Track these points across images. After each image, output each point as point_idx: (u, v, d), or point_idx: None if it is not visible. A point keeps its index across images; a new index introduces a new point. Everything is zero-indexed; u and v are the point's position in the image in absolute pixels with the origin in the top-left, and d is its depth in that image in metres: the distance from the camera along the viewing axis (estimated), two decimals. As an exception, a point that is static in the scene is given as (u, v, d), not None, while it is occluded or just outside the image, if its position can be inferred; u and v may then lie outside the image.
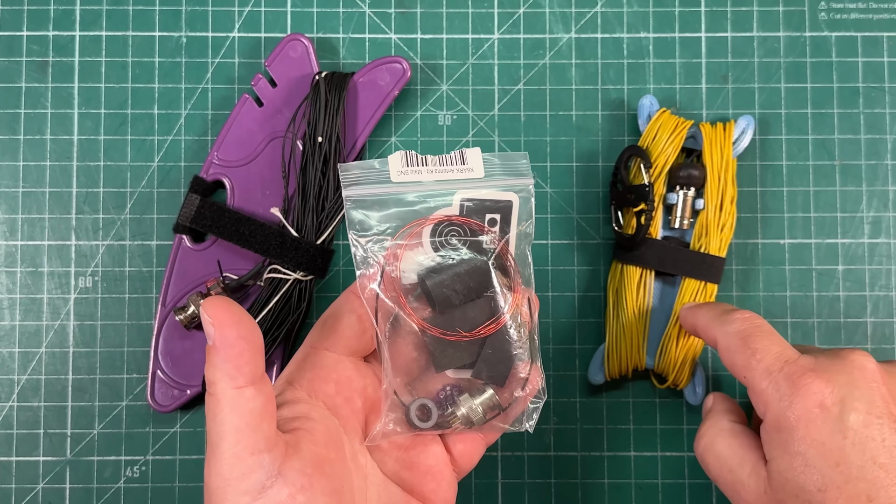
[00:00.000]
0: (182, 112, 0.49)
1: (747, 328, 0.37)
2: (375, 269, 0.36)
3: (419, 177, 0.37)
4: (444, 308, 0.36)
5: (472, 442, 0.38)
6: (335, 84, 0.46)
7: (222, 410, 0.29)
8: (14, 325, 0.48)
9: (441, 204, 0.37)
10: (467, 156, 0.37)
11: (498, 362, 0.36)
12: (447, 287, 0.36)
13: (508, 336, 0.36)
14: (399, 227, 0.37)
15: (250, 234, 0.45)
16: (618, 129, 0.50)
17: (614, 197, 0.48)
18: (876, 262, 0.49)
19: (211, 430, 0.30)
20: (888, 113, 0.50)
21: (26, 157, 0.49)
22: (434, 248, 0.37)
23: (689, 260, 0.46)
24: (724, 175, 0.46)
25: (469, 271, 0.36)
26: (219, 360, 0.29)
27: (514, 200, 0.37)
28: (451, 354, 0.36)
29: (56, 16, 0.49)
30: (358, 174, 0.37)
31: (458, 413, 0.36)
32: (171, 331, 0.47)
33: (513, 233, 0.37)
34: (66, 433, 0.48)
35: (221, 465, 0.29)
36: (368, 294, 0.36)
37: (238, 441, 0.29)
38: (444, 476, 0.37)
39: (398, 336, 0.37)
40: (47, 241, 0.49)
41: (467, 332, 0.36)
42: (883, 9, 0.50)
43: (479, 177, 0.37)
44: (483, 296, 0.36)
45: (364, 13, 0.50)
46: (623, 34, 0.50)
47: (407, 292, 0.36)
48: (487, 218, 0.37)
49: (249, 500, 0.29)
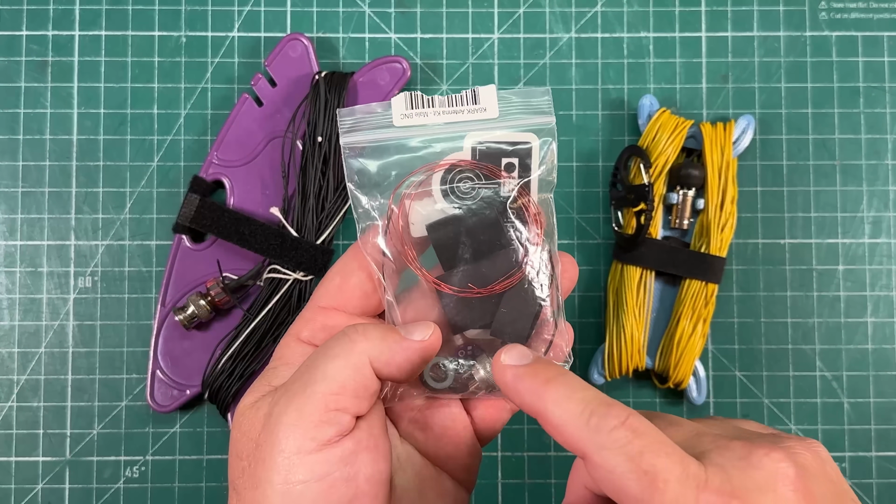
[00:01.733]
0: (182, 112, 0.49)
1: (634, 440, 0.26)
2: (378, 222, 0.33)
3: (425, 119, 0.34)
4: (451, 264, 0.33)
5: (495, 405, 0.35)
6: (335, 84, 0.46)
7: (347, 362, 0.29)
8: (14, 325, 0.48)
9: (450, 149, 0.34)
10: (480, 94, 0.34)
11: (517, 320, 0.33)
12: (456, 240, 0.33)
13: (527, 292, 0.33)
14: (402, 175, 0.33)
15: (250, 234, 0.45)
16: (618, 129, 0.50)
17: (614, 197, 0.47)
18: (876, 262, 0.49)
19: (317, 367, 0.29)
20: (888, 113, 0.50)
21: (26, 157, 0.49)
22: (444, 197, 0.34)
23: (689, 260, 0.46)
24: (724, 175, 0.46)
25: (482, 222, 0.33)
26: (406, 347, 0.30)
27: (534, 142, 0.34)
28: (468, 314, 0.33)
29: (56, 16, 0.49)
30: (356, 119, 0.34)
31: (476, 377, 0.33)
32: (170, 331, 0.47)
33: (534, 178, 0.34)
34: (66, 433, 0.48)
35: (307, 404, 0.28)
36: (371, 250, 0.33)
37: (338, 393, 0.29)
38: (462, 439, 0.34)
39: (409, 294, 0.34)
40: (47, 241, 0.48)
41: (480, 289, 0.33)
42: (883, 8, 0.50)
43: (493, 117, 0.34)
44: (498, 249, 0.33)
45: (364, 13, 0.50)
46: (623, 34, 0.50)
47: (416, 246, 0.34)
48: (504, 163, 0.34)
49: (314, 447, 0.28)
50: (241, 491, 0.29)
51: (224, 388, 0.45)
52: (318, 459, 0.28)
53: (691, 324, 0.45)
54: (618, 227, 0.47)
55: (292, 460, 0.28)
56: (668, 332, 0.46)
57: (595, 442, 0.26)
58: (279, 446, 0.28)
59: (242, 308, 0.46)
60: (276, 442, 0.28)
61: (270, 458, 0.28)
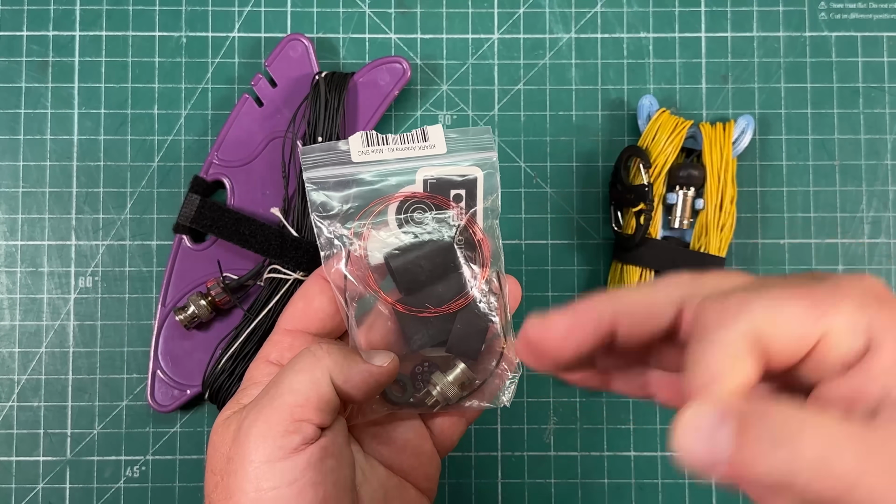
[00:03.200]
0: (182, 112, 0.49)
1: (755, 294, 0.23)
2: (340, 250, 0.36)
3: (380, 156, 0.37)
4: (409, 287, 0.36)
5: (451, 418, 0.38)
6: (335, 84, 0.46)
7: (313, 378, 0.31)
8: (14, 325, 0.48)
9: (404, 182, 0.37)
10: (429, 133, 0.37)
11: (469, 337, 0.36)
12: (412, 266, 0.36)
13: (478, 310, 0.36)
14: (362, 206, 0.36)
15: (250, 234, 0.45)
16: (618, 129, 0.50)
17: (614, 197, 0.48)
18: (876, 262, 0.49)
19: (284, 381, 0.31)
20: (888, 113, 0.50)
21: (26, 157, 0.49)
22: (400, 226, 0.37)
23: (688, 260, 0.46)
24: (724, 175, 0.46)
25: (434, 249, 0.36)
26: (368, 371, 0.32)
27: (479, 175, 0.37)
28: (424, 332, 0.36)
29: (56, 16, 0.49)
30: (318, 156, 0.37)
31: (433, 392, 0.36)
32: (171, 331, 0.47)
33: (479, 207, 0.37)
34: (66, 433, 0.48)
35: (273, 415, 0.30)
36: (335, 276, 0.36)
37: (302, 405, 0.30)
38: (423, 450, 0.37)
39: (368, 317, 0.36)
40: (47, 241, 0.49)
41: (436, 309, 0.36)
42: (883, 9, 0.50)
43: (441, 153, 0.37)
44: (450, 273, 0.36)
45: (364, 13, 0.50)
46: (623, 34, 0.50)
47: (374, 272, 0.36)
48: (453, 194, 0.37)
49: (283, 455, 0.30)
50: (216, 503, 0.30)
51: (224, 387, 0.45)
52: (286, 466, 0.29)
53: (691, 324, 0.45)
54: (617, 227, 0.47)
55: (262, 469, 0.29)
56: (667, 331, 0.46)
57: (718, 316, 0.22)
58: (249, 457, 0.29)
59: (243, 308, 0.46)
60: (246, 453, 0.29)
61: (242, 469, 0.29)
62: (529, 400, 0.49)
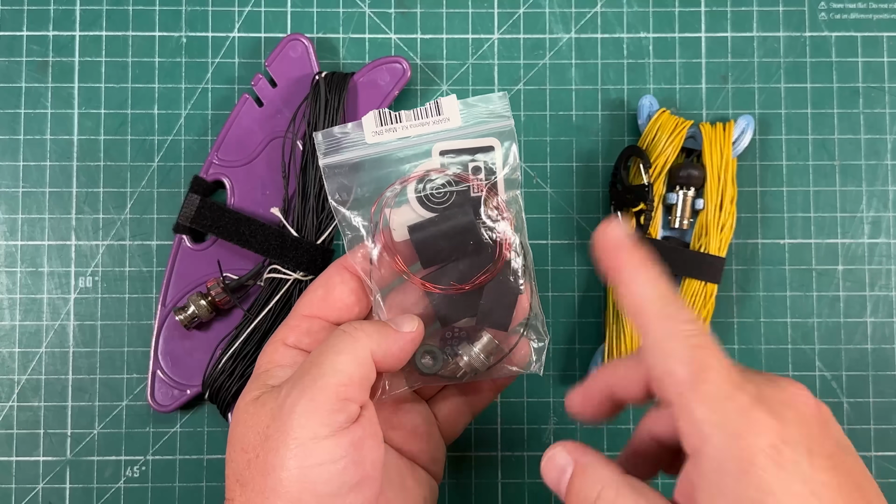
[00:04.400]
0: (182, 112, 0.49)
1: (698, 336, 0.28)
2: (362, 234, 0.36)
3: (395, 134, 0.36)
4: (431, 264, 0.36)
5: (457, 407, 0.39)
6: (335, 84, 0.46)
7: (354, 357, 0.32)
8: (14, 325, 0.48)
9: (421, 158, 0.36)
10: (443, 105, 0.37)
11: (498, 308, 0.36)
12: (433, 243, 0.36)
13: (504, 282, 0.36)
14: (380, 188, 0.36)
15: (250, 234, 0.45)
16: (618, 129, 0.50)
17: (614, 197, 0.48)
18: (876, 262, 0.49)
19: (325, 361, 0.32)
20: (888, 113, 0.50)
21: (26, 157, 0.49)
22: (420, 204, 0.36)
23: (688, 260, 0.46)
24: (724, 175, 0.46)
25: (455, 225, 0.36)
26: (398, 338, 0.34)
27: (496, 145, 0.37)
28: (454, 308, 0.36)
29: (56, 16, 0.49)
30: (332, 141, 0.37)
31: (461, 363, 0.36)
32: (171, 331, 0.47)
33: (500, 178, 0.37)
34: (66, 433, 0.48)
35: (319, 394, 0.31)
36: (360, 260, 0.36)
37: (346, 384, 0.31)
38: (431, 436, 0.38)
39: (393, 294, 0.37)
40: (47, 241, 0.49)
41: (462, 285, 0.36)
42: (883, 9, 0.50)
43: (456, 125, 0.36)
44: (474, 247, 0.36)
45: (364, 13, 0.50)
46: (623, 34, 0.50)
47: (400, 251, 0.36)
48: (471, 166, 0.37)
49: (327, 433, 0.30)
50: (247, 482, 0.30)
51: (224, 387, 0.45)
52: (331, 444, 0.30)
53: (691, 324, 0.45)
54: (618, 227, 0.47)
55: (307, 445, 0.30)
56: (667, 331, 0.46)
57: (664, 326, 0.28)
58: (293, 434, 0.30)
59: (243, 308, 0.46)
60: (289, 430, 0.30)
61: (284, 445, 0.30)
62: (529, 400, 0.49)
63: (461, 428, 0.40)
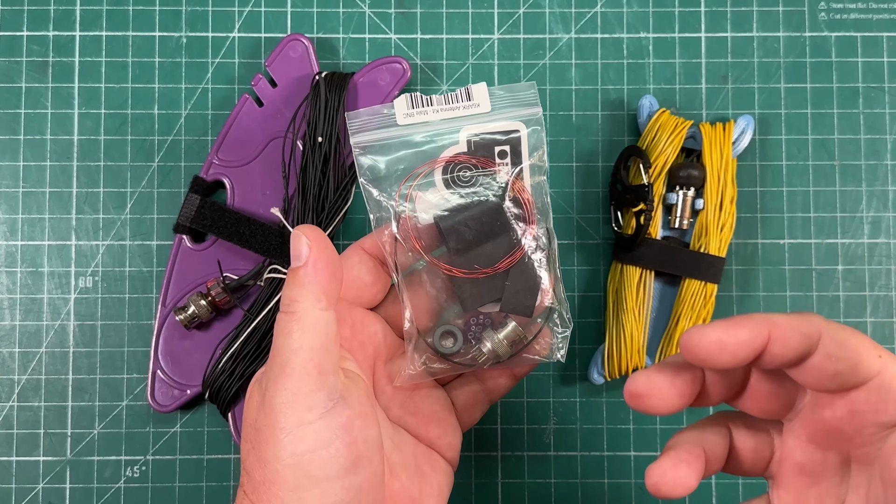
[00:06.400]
0: (182, 112, 0.49)
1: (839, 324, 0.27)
2: (389, 213, 0.36)
3: (425, 117, 0.37)
4: (458, 247, 0.36)
5: (475, 394, 0.39)
6: (335, 84, 0.46)
7: (302, 328, 0.31)
8: (14, 325, 0.48)
9: (449, 142, 0.37)
10: (473, 91, 0.37)
11: (522, 294, 0.36)
12: (461, 227, 0.36)
13: (529, 268, 0.36)
14: (408, 169, 0.37)
15: (250, 234, 0.45)
16: (618, 129, 0.50)
17: (614, 197, 0.48)
18: (876, 262, 0.49)
19: (283, 347, 0.31)
20: (888, 113, 0.50)
21: (26, 157, 0.49)
22: (447, 187, 0.37)
23: (688, 260, 0.46)
24: (724, 175, 0.46)
25: (482, 210, 0.36)
26: (308, 280, 0.31)
27: (522, 130, 0.37)
28: (477, 293, 0.36)
29: (56, 16, 0.49)
30: (364, 120, 0.37)
31: (483, 349, 0.36)
32: (171, 331, 0.47)
33: (525, 164, 0.37)
34: (66, 433, 0.48)
35: (291, 381, 0.30)
36: (386, 239, 0.36)
37: (311, 359, 0.30)
38: (448, 422, 0.37)
39: (415, 279, 0.37)
40: (47, 241, 0.49)
41: (487, 269, 0.36)
42: (883, 9, 0.50)
43: (485, 111, 0.37)
44: (499, 231, 0.36)
45: (364, 13, 0.50)
46: (623, 34, 0.50)
47: (425, 234, 0.37)
48: (497, 151, 0.37)
49: (313, 417, 0.30)
50: (251, 471, 0.31)
51: (225, 387, 0.45)
52: (320, 427, 0.30)
53: (691, 324, 0.45)
54: (617, 227, 0.47)
55: (295, 434, 0.30)
56: (667, 332, 0.46)
57: (821, 325, 0.26)
58: (279, 425, 0.30)
59: (243, 308, 0.46)
60: (275, 422, 0.30)
61: (273, 437, 0.30)
62: (529, 400, 0.49)
63: (479, 415, 0.39)
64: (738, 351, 0.26)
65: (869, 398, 0.26)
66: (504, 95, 0.37)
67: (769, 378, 0.28)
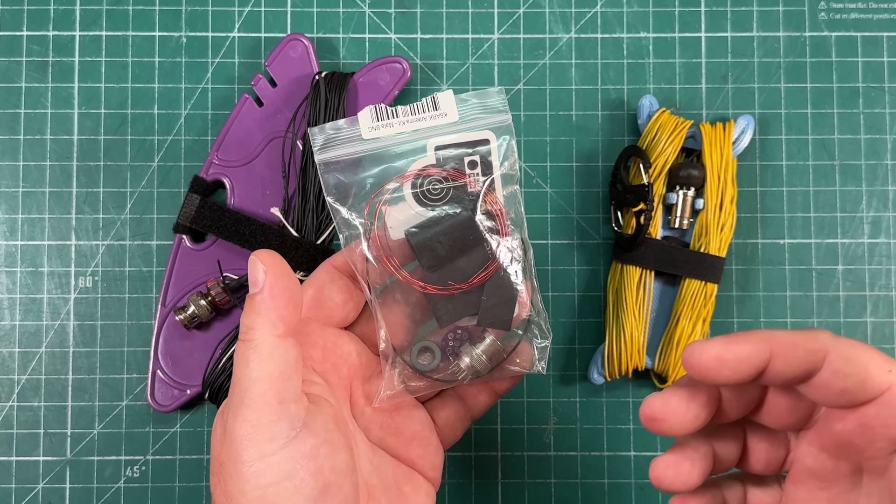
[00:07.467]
0: (182, 112, 0.49)
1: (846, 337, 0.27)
2: (359, 232, 0.35)
3: (391, 130, 0.36)
4: (431, 263, 0.35)
5: (456, 412, 0.38)
6: (335, 84, 0.46)
7: (259, 357, 0.30)
8: (14, 325, 0.48)
9: (417, 155, 0.36)
10: (440, 100, 0.36)
11: (498, 308, 0.35)
12: (432, 244, 0.35)
13: (504, 280, 0.35)
14: (376, 185, 0.36)
15: (250, 234, 0.45)
16: (618, 129, 0.50)
17: (614, 197, 0.48)
18: (876, 262, 0.49)
19: (242, 377, 0.30)
20: (888, 113, 0.50)
21: (26, 157, 0.49)
22: (417, 201, 0.36)
23: (688, 260, 0.46)
24: (724, 175, 0.46)
25: (453, 224, 0.35)
26: (264, 308, 0.30)
27: (492, 140, 0.36)
28: (453, 309, 0.35)
29: (56, 16, 0.49)
30: (328, 136, 0.36)
31: (462, 365, 0.35)
32: (171, 331, 0.47)
33: (497, 174, 0.36)
34: (66, 433, 0.48)
35: (250, 412, 0.29)
36: (357, 258, 0.35)
37: (270, 388, 0.29)
38: (430, 441, 0.37)
39: (388, 296, 0.36)
40: (47, 241, 0.49)
41: (461, 284, 0.35)
42: (883, 9, 0.50)
43: (453, 121, 0.36)
44: (472, 245, 0.35)
45: (364, 13, 0.50)
46: (623, 34, 0.50)
47: (395, 250, 0.36)
48: (467, 161, 0.36)
49: (276, 448, 0.29)
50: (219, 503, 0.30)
51: (224, 387, 0.45)
52: (283, 458, 0.29)
53: (691, 324, 0.45)
54: (617, 227, 0.47)
55: (258, 467, 0.29)
56: (667, 331, 0.46)
57: (825, 341, 0.26)
58: (241, 458, 0.29)
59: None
60: (237, 456, 0.29)
61: (236, 471, 0.29)
62: (529, 400, 0.49)
63: (460, 433, 0.39)
64: (738, 367, 0.25)
65: (879, 413, 0.26)
66: (474, 103, 0.36)
67: (786, 392, 0.28)
